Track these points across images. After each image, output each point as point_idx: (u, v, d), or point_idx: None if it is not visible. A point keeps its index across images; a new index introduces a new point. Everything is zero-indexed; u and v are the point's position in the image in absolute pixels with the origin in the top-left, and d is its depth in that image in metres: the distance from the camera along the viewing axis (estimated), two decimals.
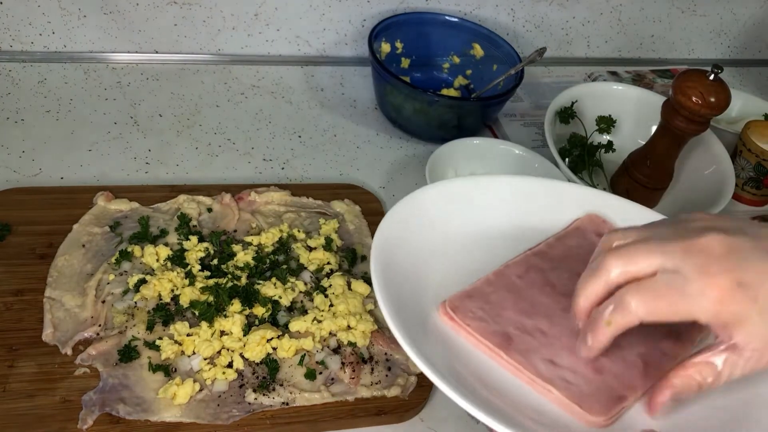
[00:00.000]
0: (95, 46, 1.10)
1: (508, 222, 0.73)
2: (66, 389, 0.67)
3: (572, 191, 0.77)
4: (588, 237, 0.72)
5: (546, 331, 0.61)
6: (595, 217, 0.74)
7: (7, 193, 0.85)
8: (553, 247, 0.70)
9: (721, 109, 0.90)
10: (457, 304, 0.62)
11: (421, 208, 0.68)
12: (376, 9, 1.19)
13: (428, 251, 0.66)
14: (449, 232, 0.69)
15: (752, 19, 1.43)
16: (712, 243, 0.52)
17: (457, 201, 0.72)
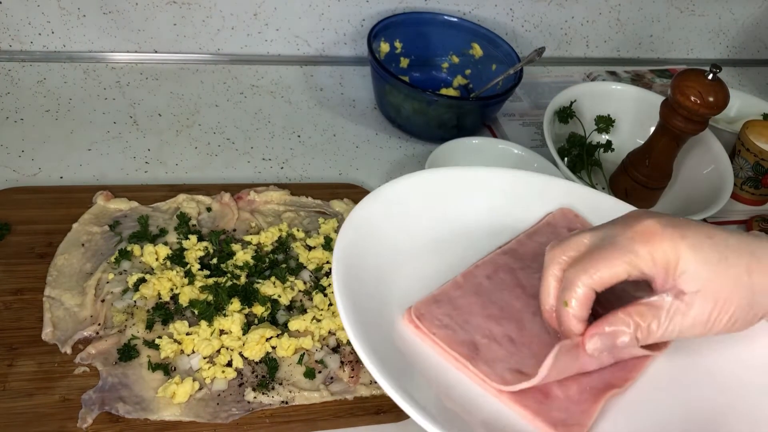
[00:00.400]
0: (94, 46, 1.11)
1: (481, 217, 0.70)
2: (65, 388, 0.68)
3: (546, 184, 0.74)
4: (559, 232, 0.70)
5: (515, 338, 0.59)
6: (567, 212, 0.73)
7: (7, 193, 0.85)
8: (523, 245, 0.69)
9: (719, 108, 0.90)
10: (423, 311, 0.60)
11: (387, 206, 0.66)
12: (375, 9, 1.19)
13: (395, 252, 0.64)
14: (417, 231, 0.66)
15: (751, 18, 1.43)
16: (643, 218, 0.53)
17: (425, 196, 0.69)
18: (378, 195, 0.66)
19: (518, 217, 0.71)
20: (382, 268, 0.62)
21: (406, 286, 0.62)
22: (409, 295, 0.61)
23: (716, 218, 1.05)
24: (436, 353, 0.58)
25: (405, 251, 0.64)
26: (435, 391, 0.56)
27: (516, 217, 0.71)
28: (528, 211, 0.72)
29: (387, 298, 0.60)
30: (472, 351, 0.58)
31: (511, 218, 0.71)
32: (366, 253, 0.61)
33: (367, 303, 0.57)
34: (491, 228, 0.70)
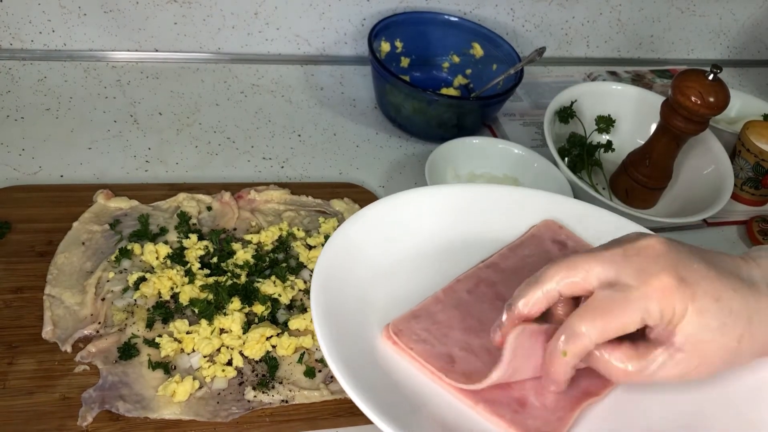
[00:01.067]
0: (95, 45, 1.11)
1: (465, 233, 0.70)
2: (66, 386, 0.68)
3: (530, 197, 0.74)
4: (543, 245, 0.69)
5: (492, 350, 0.58)
6: (551, 224, 0.72)
7: (7, 191, 0.85)
8: (506, 258, 0.68)
9: (720, 109, 0.90)
10: (402, 326, 0.60)
11: (370, 225, 0.66)
12: (375, 8, 1.19)
13: (377, 270, 0.64)
14: (401, 249, 0.66)
15: (751, 19, 1.43)
16: (649, 243, 0.54)
17: (409, 215, 0.69)
18: (358, 218, 0.66)
19: (502, 231, 0.71)
20: (363, 288, 0.62)
21: (388, 305, 0.62)
22: (390, 313, 0.61)
23: (716, 218, 1.06)
24: (416, 369, 0.58)
25: (387, 270, 0.64)
26: (413, 408, 0.55)
27: (500, 231, 0.71)
28: (511, 225, 0.71)
29: (369, 317, 0.60)
30: (448, 363, 0.57)
31: (495, 232, 0.71)
32: (347, 275, 0.61)
33: (347, 324, 0.57)
34: (475, 243, 0.69)
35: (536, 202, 0.73)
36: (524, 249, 0.69)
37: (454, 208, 0.71)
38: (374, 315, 0.61)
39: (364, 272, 0.63)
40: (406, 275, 0.65)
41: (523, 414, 0.56)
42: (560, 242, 0.70)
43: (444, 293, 0.64)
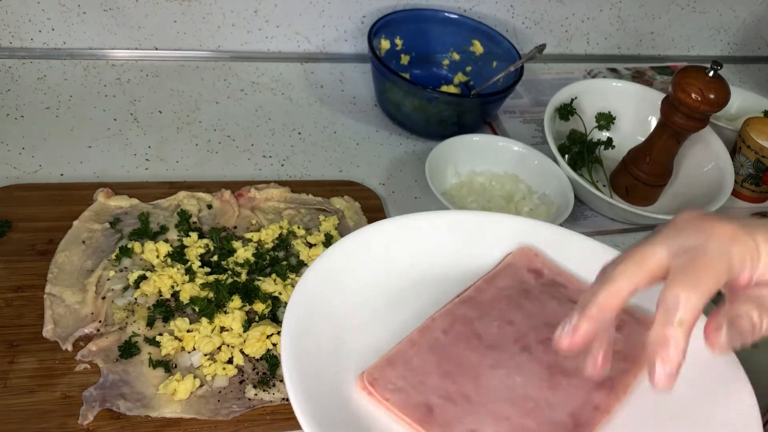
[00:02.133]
0: (95, 43, 1.10)
1: (439, 264, 0.67)
2: (66, 385, 0.68)
3: (501, 223, 0.70)
4: (519, 274, 0.67)
5: (471, 395, 0.57)
6: (527, 251, 0.69)
7: (7, 190, 0.85)
8: (482, 291, 0.65)
9: (720, 105, 0.90)
10: (377, 375, 0.57)
11: (339, 264, 0.63)
12: (375, 5, 1.18)
13: (350, 311, 0.61)
14: (374, 286, 0.63)
15: (752, 15, 1.43)
16: (686, 214, 0.54)
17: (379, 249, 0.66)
18: (325, 257, 0.63)
19: (478, 259, 0.68)
20: (336, 333, 0.59)
21: (363, 349, 0.59)
22: (366, 357, 0.58)
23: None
24: (393, 420, 0.55)
25: (360, 312, 0.61)
26: None
27: (474, 260, 0.68)
28: (486, 253, 0.68)
29: (344, 364, 0.57)
30: (427, 414, 0.55)
31: (470, 262, 0.68)
32: (317, 323, 0.58)
33: (320, 374, 0.55)
34: (450, 274, 0.67)
35: (511, 228, 0.70)
36: (500, 280, 0.67)
37: (426, 238, 0.68)
38: (349, 360, 0.58)
39: (336, 315, 0.60)
40: (381, 314, 0.62)
41: None
42: (536, 270, 0.68)
43: (419, 334, 0.61)
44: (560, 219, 0.92)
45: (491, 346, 0.60)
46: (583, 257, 0.65)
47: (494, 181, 1.00)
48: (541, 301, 0.64)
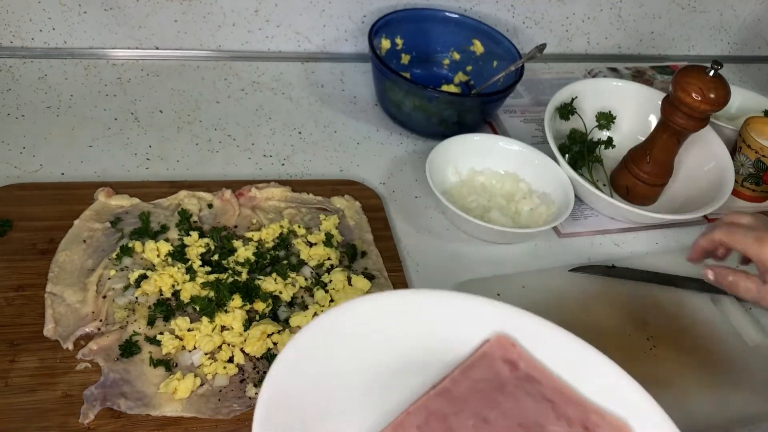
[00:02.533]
0: (95, 42, 1.11)
1: (414, 349, 0.62)
2: (67, 384, 0.68)
3: (479, 306, 0.66)
4: (494, 366, 0.63)
5: None
6: (503, 339, 0.65)
7: (8, 189, 0.85)
8: (458, 383, 0.62)
9: (720, 105, 0.90)
10: None
11: (305, 355, 0.57)
12: (375, 5, 1.19)
13: (319, 408, 0.56)
14: (341, 381, 0.59)
15: (752, 15, 1.43)
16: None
17: (350, 332, 0.61)
18: (291, 347, 0.57)
19: (451, 345, 0.64)
20: (305, 428, 0.55)
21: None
22: None
23: (717, 215, 1.05)
24: None
25: (330, 404, 0.57)
26: None
27: (449, 345, 0.64)
28: (463, 339, 0.65)
29: None
30: None
31: (444, 348, 0.64)
32: (285, 419, 0.54)
33: None
34: (425, 360, 0.63)
35: (487, 313, 0.66)
36: (476, 371, 0.63)
37: (401, 320, 0.63)
38: None
39: (303, 408, 0.55)
40: (352, 405, 0.58)
41: None
42: (512, 362, 0.64)
43: (393, 431, 0.57)
44: (561, 218, 0.92)
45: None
46: (562, 358, 0.63)
47: (494, 181, 1.00)
48: (516, 397, 0.62)
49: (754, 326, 0.89)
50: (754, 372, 0.85)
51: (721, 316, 0.90)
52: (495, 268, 0.91)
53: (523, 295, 0.87)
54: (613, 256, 0.97)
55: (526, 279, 0.89)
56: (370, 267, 0.85)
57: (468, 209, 0.94)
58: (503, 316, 0.66)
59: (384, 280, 0.84)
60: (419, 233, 0.94)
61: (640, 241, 1.01)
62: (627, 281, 0.92)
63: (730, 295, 0.92)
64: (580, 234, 0.99)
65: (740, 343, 0.87)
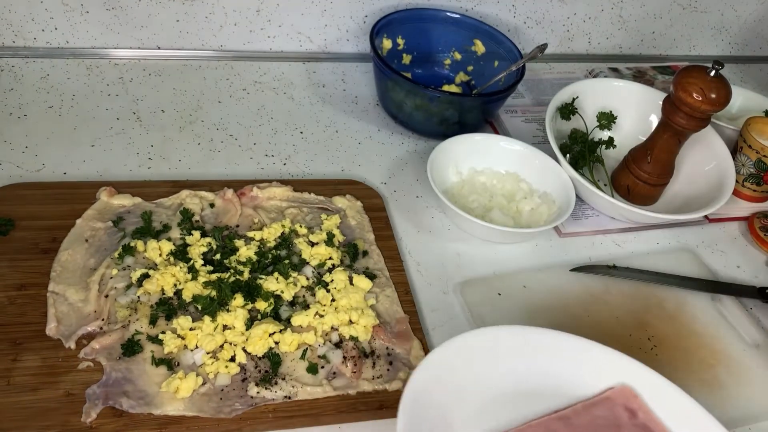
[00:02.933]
0: (97, 42, 1.11)
1: (539, 380, 0.71)
2: (70, 383, 0.68)
3: (609, 356, 0.72)
4: (615, 410, 0.70)
5: None
6: (627, 391, 0.72)
7: (11, 189, 0.85)
8: (579, 415, 0.70)
9: (721, 105, 0.90)
10: None
11: (440, 370, 0.66)
12: (377, 5, 1.19)
13: (453, 405, 0.65)
14: (472, 393, 0.68)
15: (753, 15, 1.43)
16: None
17: (478, 356, 0.69)
18: (430, 361, 0.66)
19: (575, 385, 0.71)
20: (445, 422, 0.64)
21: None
22: None
23: (718, 215, 1.06)
24: None
25: (463, 407, 0.66)
26: None
27: (573, 385, 0.71)
28: (585, 383, 0.72)
29: None
30: None
31: (568, 385, 0.71)
32: (426, 412, 0.62)
33: None
34: (547, 390, 0.70)
35: (615, 364, 0.72)
36: (597, 409, 0.70)
37: (529, 354, 0.71)
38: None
39: (442, 407, 0.65)
40: (480, 414, 0.67)
41: None
42: (631, 410, 0.70)
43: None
44: (561, 218, 0.92)
45: None
46: (678, 412, 0.69)
47: (495, 180, 1.00)
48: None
49: (755, 326, 0.90)
50: (755, 371, 0.85)
51: (721, 315, 0.91)
52: (496, 267, 0.91)
53: (523, 294, 0.87)
54: (613, 255, 0.97)
55: (527, 278, 0.89)
56: (371, 266, 0.86)
57: (469, 209, 0.95)
58: (627, 367, 0.72)
59: (385, 280, 0.84)
60: (420, 233, 0.94)
61: (641, 240, 1.01)
62: (628, 281, 0.92)
63: (730, 295, 0.92)
64: (581, 234, 0.99)
65: (741, 342, 0.88)
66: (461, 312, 0.85)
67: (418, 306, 0.84)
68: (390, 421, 0.72)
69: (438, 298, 0.86)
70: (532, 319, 0.84)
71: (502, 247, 0.94)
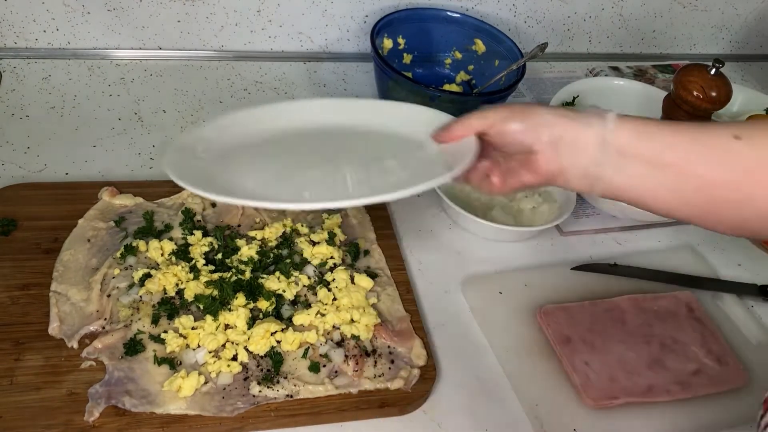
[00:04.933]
0: (99, 43, 1.11)
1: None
2: (72, 382, 0.68)
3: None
4: (678, 305, 0.88)
5: (597, 347, 0.81)
6: (690, 295, 0.90)
7: (13, 189, 0.85)
8: (647, 301, 0.88)
9: (722, 103, 0.91)
10: (550, 311, 0.84)
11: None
12: (378, 5, 1.19)
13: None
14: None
15: (754, 13, 1.43)
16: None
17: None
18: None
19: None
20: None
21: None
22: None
23: None
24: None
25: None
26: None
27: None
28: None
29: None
30: (565, 341, 0.81)
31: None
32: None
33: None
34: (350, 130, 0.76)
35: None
36: (663, 301, 0.88)
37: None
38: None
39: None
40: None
41: None
42: (690, 307, 0.88)
43: (592, 305, 0.86)
44: (563, 217, 0.92)
45: (627, 333, 0.83)
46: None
47: None
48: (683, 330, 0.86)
49: (756, 324, 0.90)
50: (758, 369, 0.85)
51: (723, 313, 0.91)
52: (497, 266, 0.92)
53: (525, 293, 0.87)
54: (615, 254, 0.97)
55: (528, 277, 0.90)
56: (372, 265, 0.86)
57: (470, 207, 0.95)
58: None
59: (386, 279, 0.84)
60: (421, 231, 0.94)
61: (642, 239, 1.01)
62: (629, 279, 0.92)
63: (731, 293, 0.92)
64: (582, 232, 1.00)
65: (743, 340, 0.88)
66: (462, 310, 0.85)
67: (419, 305, 0.84)
68: (392, 419, 0.72)
69: (439, 297, 0.86)
70: (533, 318, 0.84)
71: (503, 246, 0.95)
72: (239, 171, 0.69)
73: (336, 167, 0.69)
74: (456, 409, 0.75)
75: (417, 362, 0.76)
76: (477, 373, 0.79)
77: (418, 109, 0.77)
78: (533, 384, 0.78)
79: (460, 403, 0.76)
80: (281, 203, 0.65)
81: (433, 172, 0.63)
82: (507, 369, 0.79)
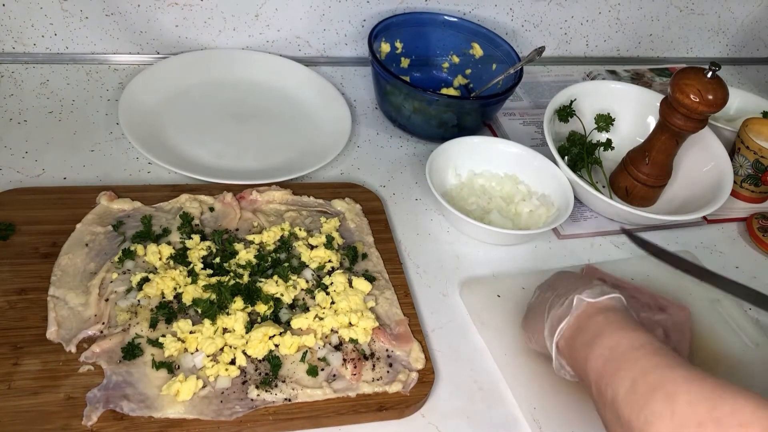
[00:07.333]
0: (97, 48, 1.11)
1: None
2: (70, 386, 0.68)
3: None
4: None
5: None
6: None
7: (11, 194, 0.85)
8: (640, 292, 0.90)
9: (718, 106, 0.91)
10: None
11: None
12: (375, 9, 1.19)
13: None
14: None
15: (750, 17, 1.44)
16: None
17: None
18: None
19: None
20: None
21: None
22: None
23: (716, 216, 1.06)
24: None
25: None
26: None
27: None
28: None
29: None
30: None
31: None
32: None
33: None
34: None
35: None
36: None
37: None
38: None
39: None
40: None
41: None
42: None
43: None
44: (560, 220, 0.92)
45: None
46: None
47: (494, 183, 1.01)
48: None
49: (753, 326, 0.90)
50: (755, 371, 0.85)
51: (720, 316, 0.91)
52: (495, 269, 0.92)
53: (523, 296, 0.87)
54: (612, 257, 0.97)
55: (526, 280, 0.90)
56: (370, 269, 0.86)
57: (468, 211, 0.95)
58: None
59: (384, 282, 0.84)
60: (419, 235, 0.95)
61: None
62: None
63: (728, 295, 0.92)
64: (580, 235, 1.00)
65: (740, 342, 0.88)
66: (461, 314, 0.85)
67: (417, 308, 0.84)
68: (390, 423, 0.72)
69: (437, 300, 0.86)
70: None
71: (501, 249, 0.95)
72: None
73: None
74: (454, 412, 0.75)
75: (415, 365, 0.76)
76: (475, 376, 0.79)
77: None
78: (532, 387, 0.78)
79: (458, 406, 0.76)
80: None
81: None
82: (505, 372, 0.79)
